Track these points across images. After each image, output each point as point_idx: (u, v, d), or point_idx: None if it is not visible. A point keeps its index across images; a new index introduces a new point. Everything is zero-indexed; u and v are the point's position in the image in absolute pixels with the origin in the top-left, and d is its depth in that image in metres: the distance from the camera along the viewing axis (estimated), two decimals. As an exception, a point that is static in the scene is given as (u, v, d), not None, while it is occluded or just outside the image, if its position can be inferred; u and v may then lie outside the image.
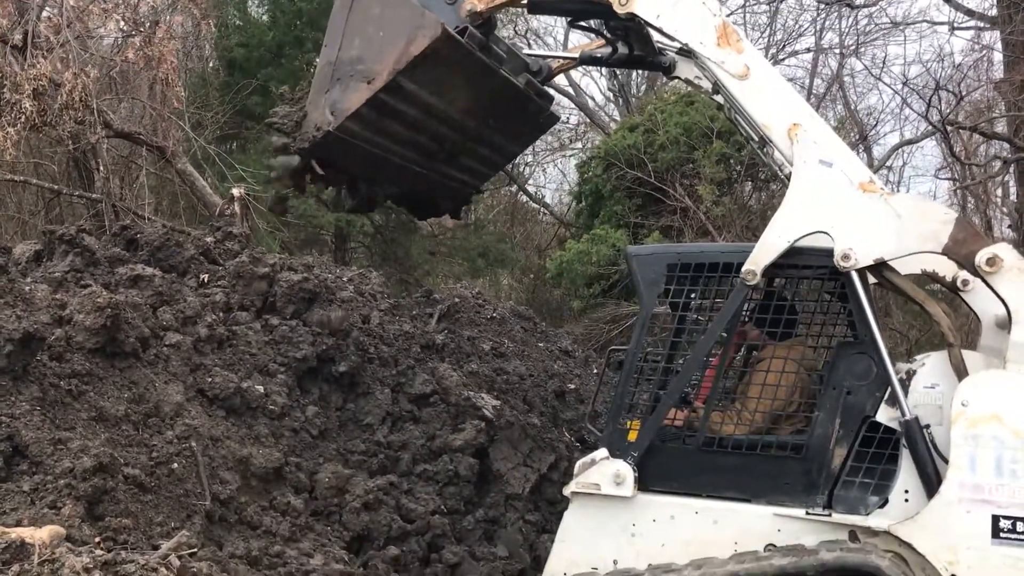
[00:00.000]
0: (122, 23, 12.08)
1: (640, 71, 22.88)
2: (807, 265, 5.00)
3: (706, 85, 5.48)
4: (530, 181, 26.78)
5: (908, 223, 4.73)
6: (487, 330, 10.13)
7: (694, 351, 5.12)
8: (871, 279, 4.92)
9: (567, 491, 5.15)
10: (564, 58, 6.44)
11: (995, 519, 4.27)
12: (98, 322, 5.06)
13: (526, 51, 6.30)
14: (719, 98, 5.53)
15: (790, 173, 5.05)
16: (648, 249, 6.19)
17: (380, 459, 6.68)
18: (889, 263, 4.80)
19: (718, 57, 5.24)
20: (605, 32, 5.84)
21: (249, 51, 16.58)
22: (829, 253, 4.78)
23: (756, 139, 5.52)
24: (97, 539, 3.81)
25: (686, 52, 5.38)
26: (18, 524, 3.64)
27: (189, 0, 12.59)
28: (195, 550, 3.92)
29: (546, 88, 6.17)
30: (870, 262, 4.76)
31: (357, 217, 17.18)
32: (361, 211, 6.63)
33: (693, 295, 5.33)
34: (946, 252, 4.69)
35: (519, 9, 6.70)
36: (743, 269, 4.87)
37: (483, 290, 13.52)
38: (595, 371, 8.94)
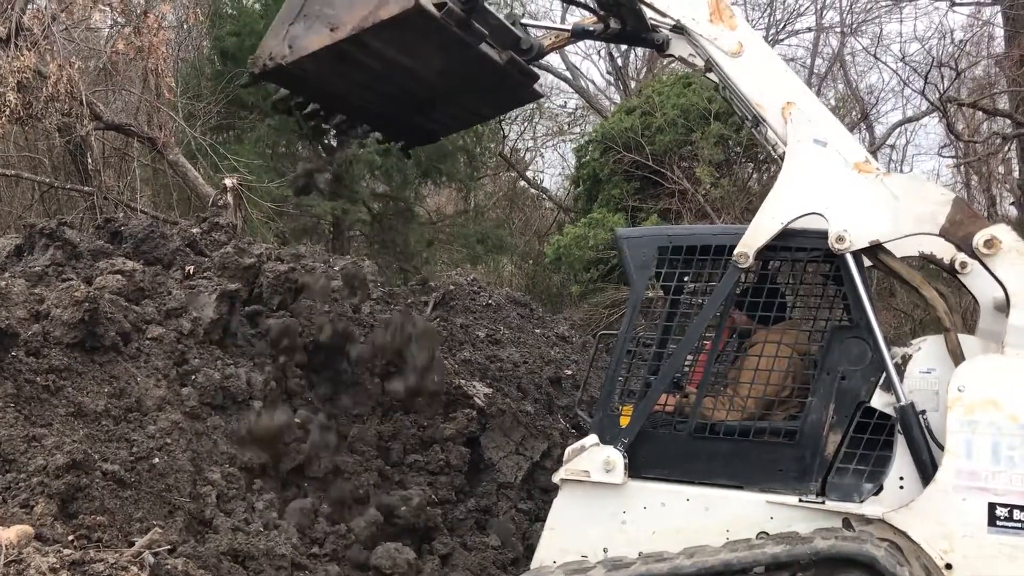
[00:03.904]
0: (110, 13, 11.92)
1: (639, 51, 22.72)
2: (801, 247, 4.89)
3: (699, 63, 5.36)
4: (530, 167, 26.65)
5: (904, 204, 4.62)
6: (482, 317, 10.03)
7: (685, 336, 5.01)
8: (866, 262, 4.81)
9: (556, 478, 5.06)
10: (557, 31, 6.26)
11: (991, 507, 4.18)
12: (76, 316, 4.95)
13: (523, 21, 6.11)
14: (712, 76, 5.40)
15: (784, 153, 4.94)
16: (638, 232, 6.06)
17: (370, 450, 6.58)
18: (885, 245, 4.68)
19: (710, 34, 5.13)
20: (597, 8, 5.69)
21: (241, 40, 16.33)
22: (823, 235, 4.67)
23: (750, 118, 5.39)
24: (70, 537, 3.72)
25: (679, 29, 5.26)
26: (-13, 524, 3.55)
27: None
28: (171, 547, 3.83)
29: (532, 67, 5.98)
30: (865, 244, 4.65)
31: (353, 206, 17.03)
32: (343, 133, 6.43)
33: (685, 278, 5.21)
34: (943, 234, 4.57)
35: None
36: (735, 252, 4.76)
37: (481, 277, 13.40)
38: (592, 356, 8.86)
